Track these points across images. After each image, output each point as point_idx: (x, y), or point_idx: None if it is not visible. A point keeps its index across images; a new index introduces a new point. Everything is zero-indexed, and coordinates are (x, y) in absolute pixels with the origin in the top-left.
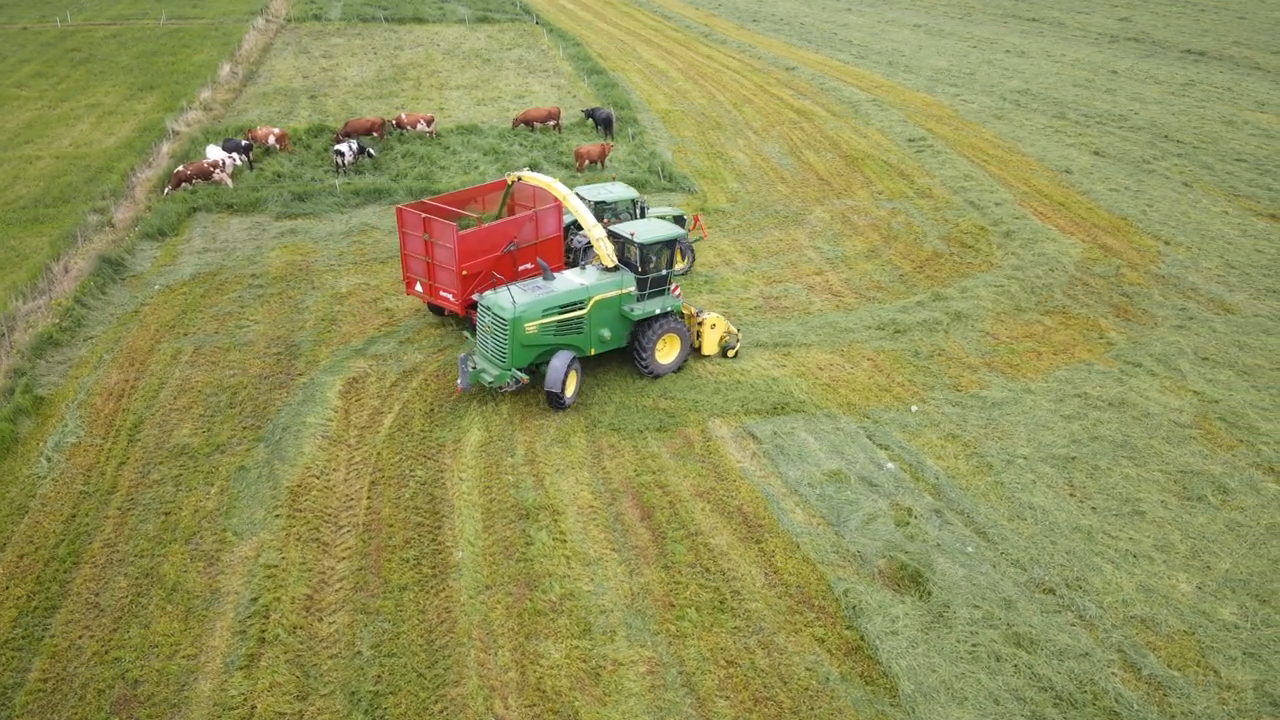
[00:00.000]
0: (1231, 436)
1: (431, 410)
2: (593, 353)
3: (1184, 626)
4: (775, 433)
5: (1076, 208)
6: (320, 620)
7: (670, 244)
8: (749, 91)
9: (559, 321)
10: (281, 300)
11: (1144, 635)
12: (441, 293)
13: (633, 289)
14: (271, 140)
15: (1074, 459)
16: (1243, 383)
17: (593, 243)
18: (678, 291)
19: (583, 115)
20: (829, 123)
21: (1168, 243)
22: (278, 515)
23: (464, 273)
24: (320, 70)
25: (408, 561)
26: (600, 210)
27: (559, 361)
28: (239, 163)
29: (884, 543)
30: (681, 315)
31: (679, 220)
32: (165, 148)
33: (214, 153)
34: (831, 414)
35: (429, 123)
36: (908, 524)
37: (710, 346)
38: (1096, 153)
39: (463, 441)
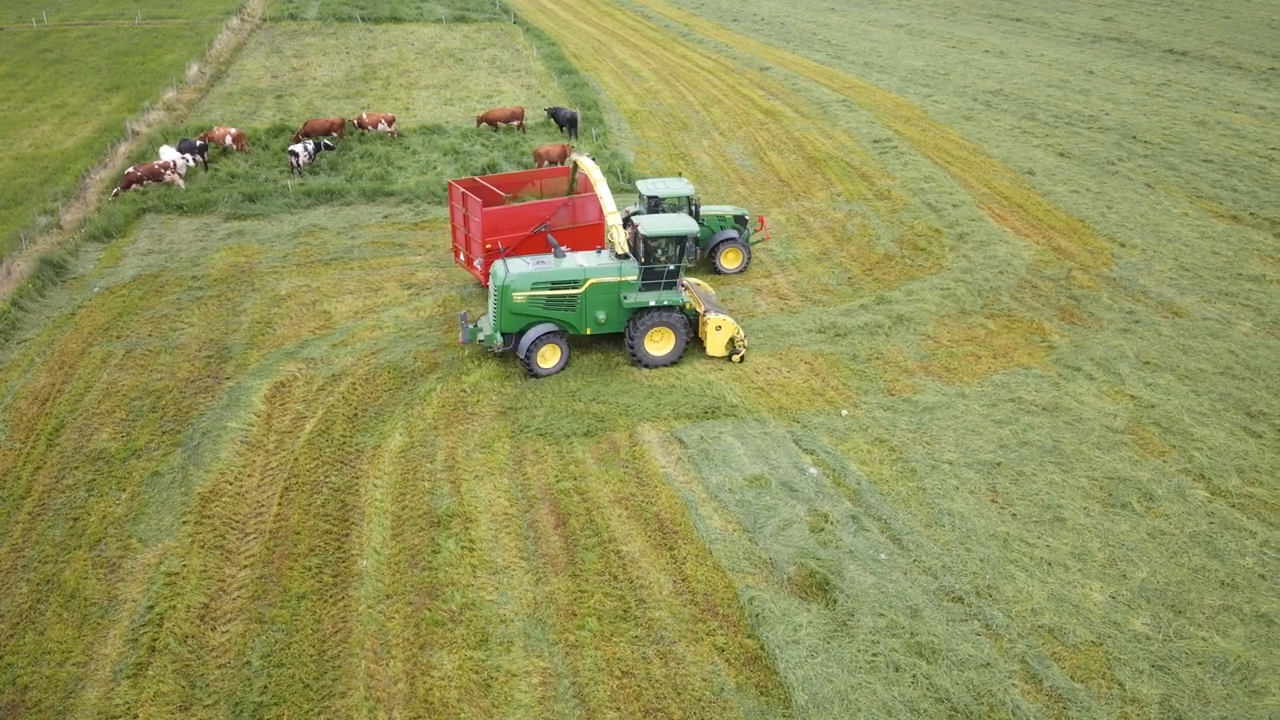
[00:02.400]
0: (1164, 442)
1: (355, 415)
2: (588, 332)
3: (1092, 637)
4: (702, 437)
5: (1035, 209)
6: (213, 629)
7: (680, 240)
8: (720, 92)
9: (549, 297)
10: (219, 303)
11: (1050, 646)
12: (474, 261)
13: (633, 277)
14: (228, 140)
15: (999, 465)
16: (1183, 387)
17: (607, 228)
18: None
19: (546, 115)
20: (796, 124)
21: (1123, 245)
22: (185, 522)
23: (488, 246)
24: (290, 70)
25: (309, 570)
26: (655, 204)
27: (532, 333)
28: (192, 163)
29: (796, 549)
30: (691, 312)
31: (741, 220)
32: (122, 148)
33: (167, 153)
34: (761, 418)
35: (390, 123)
36: (823, 530)
37: (715, 348)
38: (1062, 154)
39: (383, 447)
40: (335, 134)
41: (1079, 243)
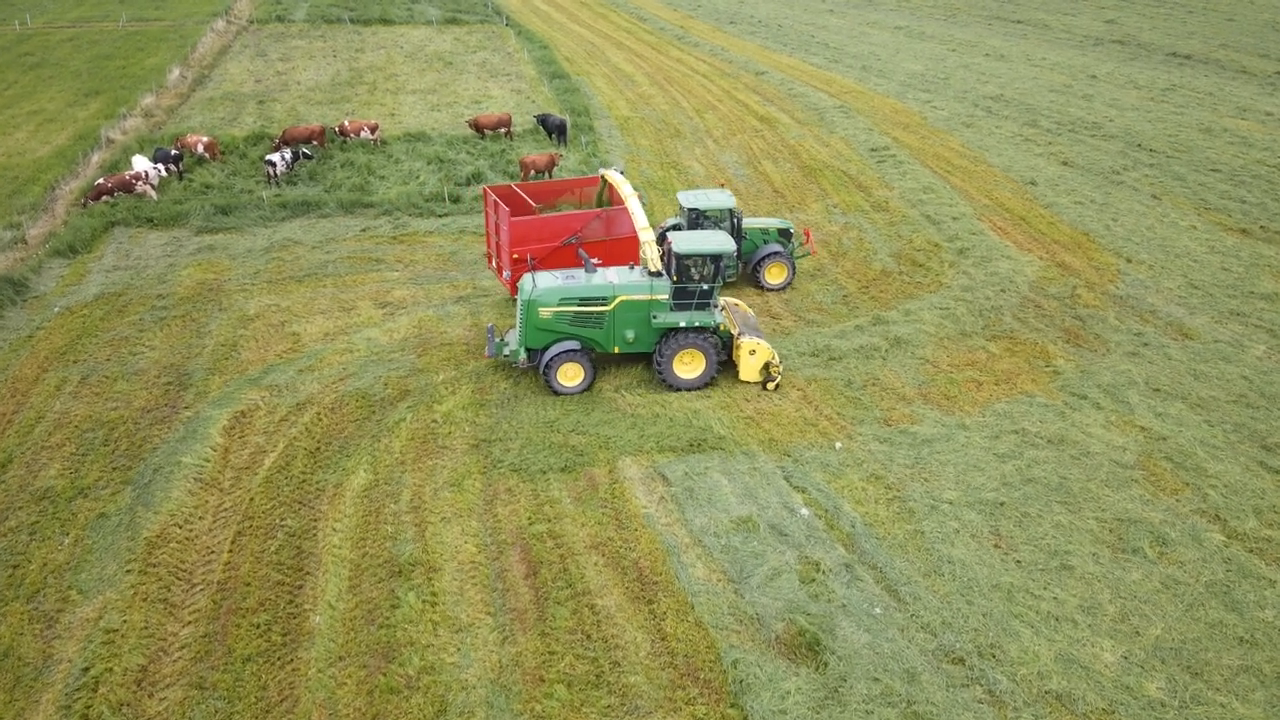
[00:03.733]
0: (1177, 479)
1: (318, 449)
2: (616, 351)
3: (1103, 704)
4: (687, 473)
5: (1038, 222)
6: (151, 696)
7: (716, 259)
8: (714, 97)
9: (576, 313)
10: (184, 323)
11: (1058, 715)
12: (504, 272)
13: (665, 296)
14: (200, 149)
15: (1003, 504)
16: (1195, 417)
17: (640, 244)
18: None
19: (535, 122)
20: (792, 131)
21: (1129, 260)
22: (129, 570)
23: (515, 256)
24: (274, 74)
25: (257, 627)
26: (696, 218)
27: (554, 349)
28: (165, 174)
29: (785, 603)
30: (725, 334)
31: (785, 233)
32: (96, 157)
33: (139, 163)
34: (750, 452)
35: (373, 130)
36: (814, 580)
37: (749, 373)
38: (1065, 163)
39: (345, 485)
40: (315, 142)
41: (1084, 258)
